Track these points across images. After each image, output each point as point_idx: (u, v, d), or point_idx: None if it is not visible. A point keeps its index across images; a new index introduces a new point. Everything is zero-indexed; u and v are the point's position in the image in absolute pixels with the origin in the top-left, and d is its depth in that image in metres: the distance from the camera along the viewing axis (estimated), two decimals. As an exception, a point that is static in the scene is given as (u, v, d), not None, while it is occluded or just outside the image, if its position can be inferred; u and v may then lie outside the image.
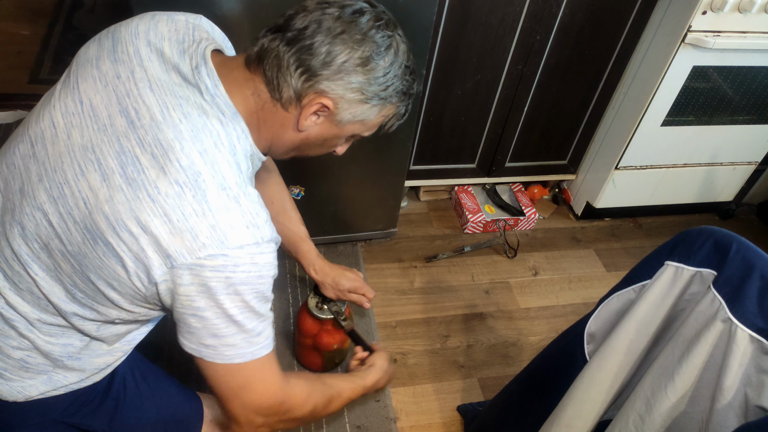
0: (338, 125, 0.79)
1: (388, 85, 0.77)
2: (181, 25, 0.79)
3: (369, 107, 0.78)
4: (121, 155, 0.69)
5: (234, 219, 0.69)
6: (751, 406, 0.78)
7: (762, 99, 1.78)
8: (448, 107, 1.72)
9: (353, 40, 0.73)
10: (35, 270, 0.75)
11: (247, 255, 0.70)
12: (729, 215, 2.19)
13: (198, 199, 0.68)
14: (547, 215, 2.11)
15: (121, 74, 0.73)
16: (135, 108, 0.71)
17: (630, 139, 1.79)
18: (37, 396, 0.83)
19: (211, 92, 0.73)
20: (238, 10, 1.20)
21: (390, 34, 0.76)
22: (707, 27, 1.53)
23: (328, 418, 1.42)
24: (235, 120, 0.74)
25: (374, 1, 0.78)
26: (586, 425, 0.96)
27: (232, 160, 0.72)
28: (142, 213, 0.67)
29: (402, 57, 0.78)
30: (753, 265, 0.77)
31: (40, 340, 0.80)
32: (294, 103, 0.75)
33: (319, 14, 0.73)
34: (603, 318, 0.98)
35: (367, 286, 1.29)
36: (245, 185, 0.73)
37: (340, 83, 0.74)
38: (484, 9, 1.52)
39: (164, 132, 0.69)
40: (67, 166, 0.71)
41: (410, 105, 0.85)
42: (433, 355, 1.62)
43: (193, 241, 0.68)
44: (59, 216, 0.71)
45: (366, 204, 1.74)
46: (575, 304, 1.83)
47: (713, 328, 0.79)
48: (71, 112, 0.73)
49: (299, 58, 0.72)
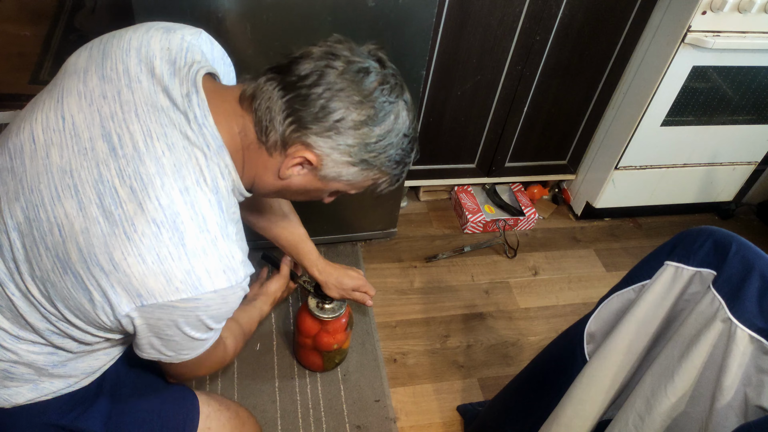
0: (322, 180, 0.77)
1: (379, 152, 0.74)
2: (176, 43, 0.75)
3: (356, 170, 0.75)
4: (99, 184, 0.67)
5: (210, 263, 0.68)
6: (751, 406, 0.78)
7: (762, 99, 1.78)
8: (447, 107, 1.72)
9: (351, 101, 0.70)
10: (12, 290, 0.73)
11: (220, 297, 0.70)
12: (729, 215, 2.19)
13: (174, 242, 0.66)
14: (546, 215, 2.11)
15: (107, 94, 0.71)
16: (118, 134, 0.68)
17: (630, 139, 1.79)
18: (24, 403, 0.82)
19: (199, 122, 0.70)
20: (240, 12, 1.20)
21: (393, 101, 0.73)
22: (707, 27, 1.53)
23: (328, 417, 1.43)
24: (220, 154, 0.71)
25: (386, 60, 0.75)
26: (586, 425, 0.96)
27: (214, 199, 0.70)
28: (116, 251, 0.66)
29: (401, 125, 0.75)
30: (753, 265, 0.77)
31: (22, 351, 0.78)
32: (279, 149, 0.73)
33: (323, 65, 0.70)
34: (603, 318, 0.98)
35: (369, 284, 1.29)
36: (225, 225, 0.71)
37: (328, 141, 0.71)
38: (484, 9, 1.52)
39: (146, 165, 0.67)
40: (44, 187, 0.69)
41: (405, 173, 0.81)
42: (433, 355, 1.62)
43: (166, 285, 0.67)
44: (32, 239, 0.69)
45: (366, 204, 1.75)
46: (575, 304, 1.83)
47: (713, 328, 0.79)
48: (52, 129, 0.70)
49: (291, 106, 0.70)
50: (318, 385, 1.49)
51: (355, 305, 1.61)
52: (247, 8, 1.19)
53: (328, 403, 1.46)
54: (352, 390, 1.49)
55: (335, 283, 1.26)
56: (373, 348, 1.59)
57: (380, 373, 1.54)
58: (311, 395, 1.47)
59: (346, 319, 1.39)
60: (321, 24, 1.24)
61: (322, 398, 1.46)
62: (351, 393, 1.48)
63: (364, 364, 1.55)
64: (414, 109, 0.78)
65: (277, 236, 1.21)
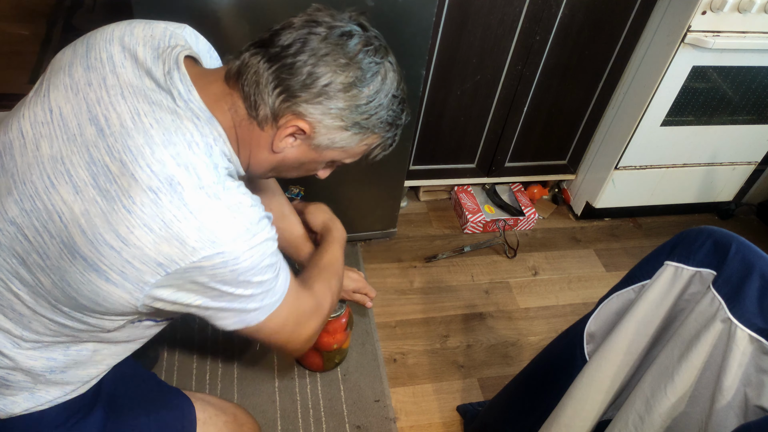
0: (316, 150, 0.76)
1: (371, 114, 0.74)
2: (159, 31, 0.76)
3: (349, 135, 0.75)
4: (91, 165, 0.66)
5: (218, 215, 0.67)
6: (751, 406, 0.78)
7: (762, 99, 1.78)
8: (447, 107, 1.72)
9: (337, 64, 0.70)
10: (17, 285, 0.73)
11: (243, 243, 0.69)
12: (728, 215, 2.19)
13: (176, 204, 0.65)
14: (546, 215, 2.11)
15: (92, 81, 0.70)
16: (105, 115, 0.68)
17: (630, 139, 1.79)
18: (20, 413, 0.81)
19: (185, 98, 0.70)
20: (238, 12, 1.19)
21: (378, 61, 0.73)
22: (707, 27, 1.54)
23: (327, 417, 1.43)
24: (210, 123, 0.71)
25: (367, 25, 0.75)
26: (586, 425, 0.96)
27: (209, 161, 0.69)
28: (120, 226, 0.65)
29: (390, 85, 0.75)
30: (752, 265, 0.77)
31: (21, 356, 0.77)
32: (270, 122, 0.72)
33: (305, 32, 0.70)
34: (603, 318, 0.98)
35: (369, 286, 1.29)
36: (223, 180, 0.70)
37: (319, 107, 0.71)
38: (484, 9, 1.52)
39: (134, 138, 0.66)
40: (36, 178, 0.68)
41: (398, 136, 0.81)
42: (433, 355, 1.62)
43: (182, 247, 0.65)
44: (35, 230, 0.69)
45: (366, 204, 1.74)
46: (575, 304, 1.83)
47: (713, 328, 0.79)
48: (40, 122, 0.70)
49: (279, 76, 0.70)
50: (318, 385, 1.49)
51: (355, 305, 1.61)
52: (245, 8, 1.19)
53: (328, 403, 1.46)
54: (352, 390, 1.49)
55: None
56: (373, 348, 1.59)
57: (380, 373, 1.53)
58: (311, 395, 1.47)
59: (346, 319, 1.39)
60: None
61: (322, 398, 1.46)
62: (351, 393, 1.48)
63: (364, 364, 1.55)
64: (400, 71, 0.77)
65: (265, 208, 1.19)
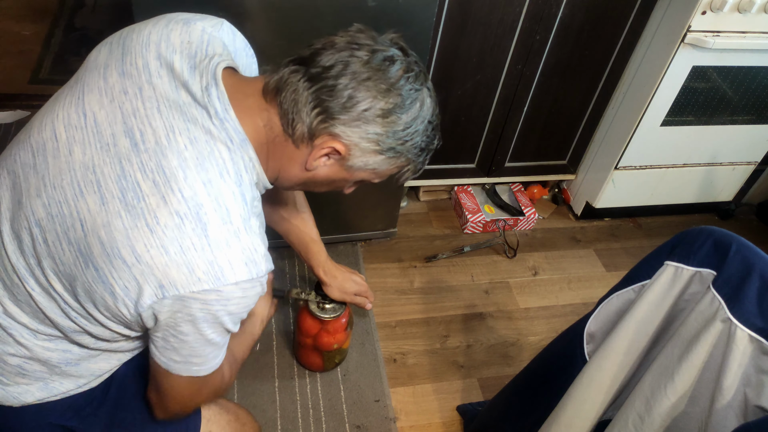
0: (348, 170, 0.77)
1: (406, 140, 0.74)
2: (196, 36, 0.75)
3: (383, 159, 0.75)
4: (122, 179, 0.67)
5: (233, 255, 0.68)
6: (751, 406, 0.78)
7: (762, 99, 1.78)
8: (447, 107, 1.72)
9: (378, 89, 0.70)
10: (32, 285, 0.74)
11: (240, 290, 0.70)
12: (728, 215, 2.19)
13: (198, 233, 0.66)
14: (546, 215, 2.11)
15: (128, 90, 0.71)
16: (140, 129, 0.69)
17: (630, 139, 1.79)
18: (33, 402, 0.82)
19: (221, 116, 0.70)
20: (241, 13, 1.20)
21: (418, 88, 0.73)
22: (707, 27, 1.54)
23: (327, 417, 1.43)
24: (243, 148, 0.71)
25: (407, 49, 0.75)
26: (586, 425, 0.96)
27: (238, 191, 0.70)
28: (138, 243, 0.66)
29: (426, 113, 0.75)
30: (752, 265, 0.77)
31: (38, 347, 0.79)
32: (306, 141, 0.73)
33: (347, 55, 0.70)
34: (602, 318, 0.98)
35: (371, 291, 1.31)
36: (248, 218, 0.71)
37: (356, 130, 0.71)
38: (484, 9, 1.52)
39: (168, 159, 0.67)
40: (67, 185, 0.70)
41: (427, 160, 0.82)
42: (433, 355, 1.62)
43: (189, 275, 0.66)
44: (55, 234, 0.70)
45: (366, 204, 1.75)
46: (575, 304, 1.83)
47: (713, 328, 0.79)
48: (74, 125, 0.71)
49: (318, 97, 0.70)
50: (318, 385, 1.49)
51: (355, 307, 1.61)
52: (249, 9, 1.19)
53: (328, 403, 1.46)
54: (352, 390, 1.49)
55: (339, 286, 1.28)
56: (373, 348, 1.59)
57: (380, 373, 1.54)
58: (311, 395, 1.47)
59: (346, 319, 1.39)
60: (322, 23, 1.24)
61: (321, 398, 1.46)
62: (351, 393, 1.48)
63: (364, 364, 1.55)
64: (436, 97, 0.78)
65: (288, 231, 1.20)
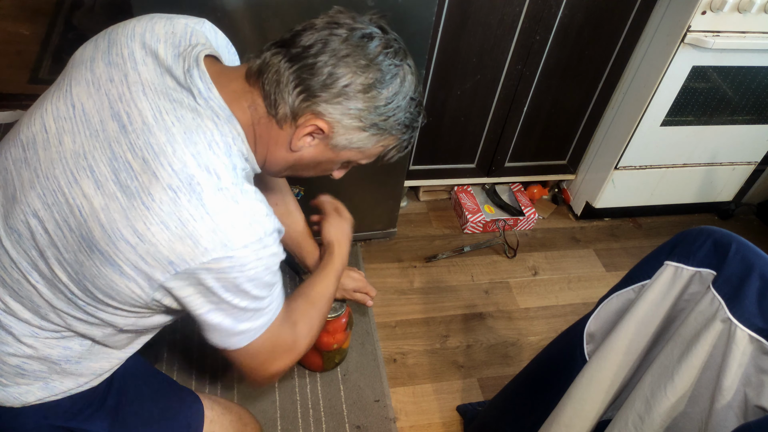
0: (333, 150, 0.77)
1: (389, 115, 0.75)
2: (180, 28, 0.77)
3: (367, 135, 0.76)
4: (113, 161, 0.68)
5: (234, 219, 0.68)
6: (751, 406, 0.78)
7: (761, 99, 1.78)
8: (447, 107, 1.72)
9: (358, 65, 0.71)
10: (36, 278, 0.74)
11: (252, 252, 0.70)
12: (728, 215, 2.20)
13: (194, 203, 0.67)
14: (546, 215, 2.11)
15: (114, 77, 0.72)
16: (127, 112, 0.69)
17: (629, 139, 1.79)
18: (34, 402, 0.82)
19: (204, 95, 0.71)
20: (238, 12, 1.19)
21: (398, 63, 0.74)
22: (707, 27, 1.54)
23: (327, 417, 1.43)
24: (230, 122, 0.72)
25: (387, 27, 0.76)
26: (586, 425, 0.96)
27: (228, 161, 0.70)
28: (138, 222, 0.66)
29: (408, 88, 0.76)
30: (752, 265, 0.77)
31: (39, 343, 0.79)
32: (289, 121, 0.73)
33: (326, 34, 0.71)
34: (602, 318, 0.98)
35: (370, 285, 1.30)
36: (242, 183, 0.71)
37: (338, 107, 0.72)
38: (484, 9, 1.52)
39: (156, 136, 0.68)
40: (60, 173, 0.70)
41: (413, 138, 0.82)
42: (433, 355, 1.62)
43: (194, 247, 0.67)
44: (55, 223, 0.70)
45: (366, 204, 1.74)
46: (575, 304, 1.83)
47: (713, 328, 0.79)
48: (63, 117, 0.72)
49: (299, 76, 0.71)
50: (318, 385, 1.49)
51: (354, 305, 1.61)
52: (246, 7, 1.19)
53: (328, 403, 1.46)
54: (351, 390, 1.49)
55: None
56: (372, 348, 1.59)
57: (380, 373, 1.54)
58: (311, 395, 1.47)
59: (346, 319, 1.39)
60: (321, 23, 1.23)
61: (321, 398, 1.46)
62: (351, 393, 1.48)
63: (364, 364, 1.55)
64: (418, 74, 0.78)
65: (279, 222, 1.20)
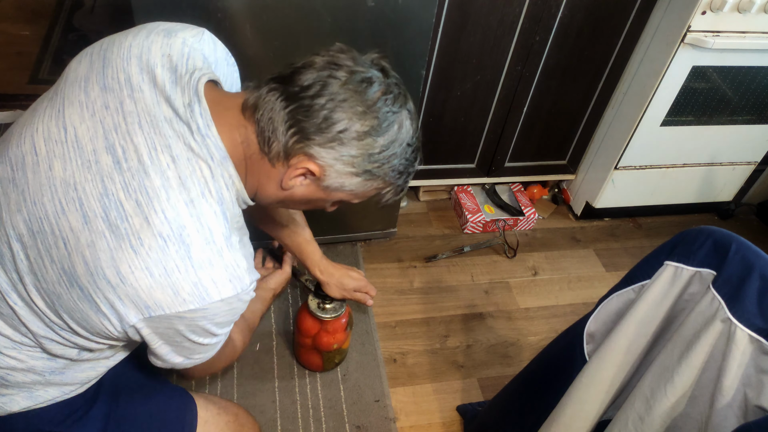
0: (324, 191, 0.77)
1: (383, 162, 0.74)
2: (176, 49, 0.74)
3: (359, 180, 0.75)
4: (104, 197, 0.67)
5: (216, 274, 0.69)
6: (751, 406, 0.78)
7: (761, 99, 1.78)
8: (447, 107, 1.72)
9: (355, 111, 0.70)
10: (14, 299, 0.73)
11: (226, 305, 0.71)
12: (728, 215, 2.19)
13: (181, 255, 0.66)
14: (546, 215, 2.11)
15: (109, 104, 0.70)
16: (122, 146, 0.68)
17: (629, 139, 1.79)
18: (19, 410, 0.82)
19: (203, 132, 0.70)
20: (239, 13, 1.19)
21: (396, 111, 0.73)
22: (707, 27, 1.54)
23: (327, 417, 1.43)
24: (224, 165, 0.71)
25: (389, 69, 0.75)
26: (586, 425, 0.96)
27: (219, 210, 0.70)
28: (123, 264, 0.66)
29: (405, 135, 0.75)
30: (752, 265, 0.77)
31: (22, 355, 0.78)
32: (281, 160, 0.72)
33: (326, 75, 0.70)
34: (602, 318, 0.98)
35: (370, 284, 1.31)
36: (230, 235, 0.71)
37: (331, 152, 0.71)
38: (484, 10, 1.52)
39: (151, 178, 0.67)
40: (48, 201, 0.69)
41: (408, 182, 0.82)
42: (433, 355, 1.62)
43: (174, 297, 0.67)
44: (37, 252, 0.69)
45: (366, 204, 1.73)
46: (575, 304, 1.83)
47: (713, 328, 0.79)
48: (54, 140, 0.70)
49: (294, 116, 0.69)
50: (318, 385, 1.49)
51: (355, 305, 1.61)
52: (247, 8, 1.19)
53: (328, 403, 1.46)
54: (351, 390, 1.49)
55: (337, 283, 1.27)
56: (372, 348, 1.59)
57: (380, 373, 1.54)
58: (311, 395, 1.47)
59: (346, 319, 1.39)
60: (321, 24, 1.23)
61: (321, 398, 1.46)
62: (351, 393, 1.48)
63: (364, 364, 1.55)
64: (417, 119, 0.77)
65: (281, 236, 1.21)
